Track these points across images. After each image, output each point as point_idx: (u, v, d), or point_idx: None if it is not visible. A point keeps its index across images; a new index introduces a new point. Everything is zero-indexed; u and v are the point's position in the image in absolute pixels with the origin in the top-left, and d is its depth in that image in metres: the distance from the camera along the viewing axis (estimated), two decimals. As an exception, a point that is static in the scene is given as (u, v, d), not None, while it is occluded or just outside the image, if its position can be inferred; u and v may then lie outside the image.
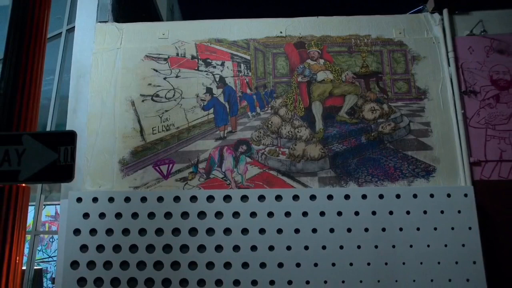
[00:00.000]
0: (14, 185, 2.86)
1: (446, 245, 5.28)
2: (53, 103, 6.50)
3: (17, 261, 2.82)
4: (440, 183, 5.61)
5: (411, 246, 5.30)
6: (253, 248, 5.32)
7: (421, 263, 5.24)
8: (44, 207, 6.92)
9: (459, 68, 5.92)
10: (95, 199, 5.50)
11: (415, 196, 5.42)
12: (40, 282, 6.05)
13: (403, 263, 5.24)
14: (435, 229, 5.33)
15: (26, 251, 6.29)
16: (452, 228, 5.31)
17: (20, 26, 3.23)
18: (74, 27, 6.49)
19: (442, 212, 5.37)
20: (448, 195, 5.40)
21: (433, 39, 6.06)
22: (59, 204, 6.09)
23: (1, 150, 2.80)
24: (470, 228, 5.30)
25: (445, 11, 5.99)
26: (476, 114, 5.75)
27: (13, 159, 2.80)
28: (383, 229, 5.33)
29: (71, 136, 2.90)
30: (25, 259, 6.46)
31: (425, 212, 5.38)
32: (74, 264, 5.29)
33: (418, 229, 5.34)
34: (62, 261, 5.37)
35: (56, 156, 2.84)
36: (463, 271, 5.19)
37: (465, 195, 5.38)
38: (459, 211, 5.35)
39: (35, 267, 6.24)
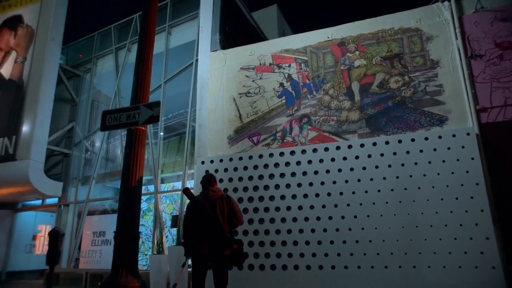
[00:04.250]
0: (137, 127, 5.77)
1: (452, 172, 6.49)
2: (189, 114, 9.92)
3: (139, 167, 5.71)
4: (452, 128, 6.91)
5: (424, 175, 6.66)
6: (310, 184, 7.41)
7: (433, 187, 6.54)
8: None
9: (465, 39, 7.14)
10: (211, 161, 8.37)
11: (426, 138, 6.81)
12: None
13: (419, 188, 6.64)
14: (443, 161, 6.60)
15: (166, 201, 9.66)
16: (458, 160, 6.51)
17: (140, 73, 6.24)
18: (198, 58, 9.88)
19: (448, 148, 6.63)
20: (453, 135, 6.65)
21: (443, 21, 7.44)
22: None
23: (132, 113, 5.84)
24: (472, 158, 6.43)
25: (452, -2, 7.43)
26: (482, 72, 6.87)
27: (136, 116, 5.79)
28: (402, 164, 6.86)
29: (158, 103, 5.75)
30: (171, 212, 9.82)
31: (435, 149, 6.70)
32: (202, 203, 8.27)
33: (429, 162, 6.68)
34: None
35: (152, 112, 5.67)
36: (468, 191, 6.34)
37: (468, 134, 6.57)
38: (463, 146, 6.54)
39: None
